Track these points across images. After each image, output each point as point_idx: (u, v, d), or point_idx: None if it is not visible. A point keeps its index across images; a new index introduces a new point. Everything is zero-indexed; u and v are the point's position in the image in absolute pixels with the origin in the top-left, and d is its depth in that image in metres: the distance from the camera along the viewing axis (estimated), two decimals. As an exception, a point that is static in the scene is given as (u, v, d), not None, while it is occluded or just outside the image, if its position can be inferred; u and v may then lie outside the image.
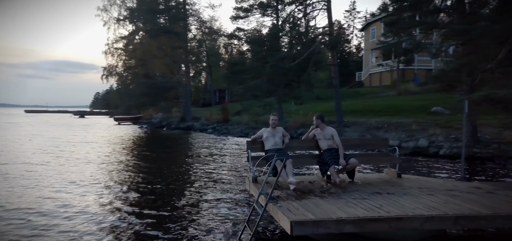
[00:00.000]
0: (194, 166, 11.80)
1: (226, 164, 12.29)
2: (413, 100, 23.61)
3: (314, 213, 4.17)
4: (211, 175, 10.22)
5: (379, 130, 16.87)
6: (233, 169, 11.21)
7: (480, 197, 4.84)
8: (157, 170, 11.07)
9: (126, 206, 6.86)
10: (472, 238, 4.88)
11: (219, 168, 11.35)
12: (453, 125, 15.32)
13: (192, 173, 10.47)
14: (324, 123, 6.58)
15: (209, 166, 11.71)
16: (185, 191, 8.17)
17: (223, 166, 11.76)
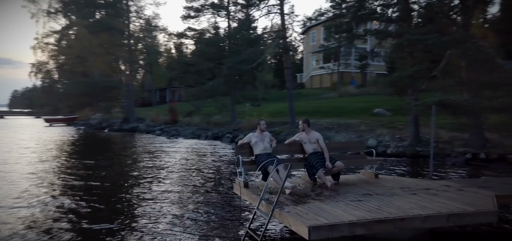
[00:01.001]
0: (164, 172, 11.38)
1: (196, 168, 12.06)
2: (355, 102, 25.23)
3: (324, 216, 4.35)
4: (188, 180, 9.99)
5: (330, 131, 17.78)
6: (206, 173, 11.04)
7: (456, 195, 5.44)
8: (120, 178, 10.49)
9: (92, 225, 6.45)
10: (449, 234, 5.48)
11: (192, 173, 11.11)
12: (396, 126, 16.74)
13: (165, 180, 10.10)
14: (309, 127, 6.85)
15: (180, 171, 11.40)
16: (166, 199, 7.90)
17: (195, 171, 11.52)
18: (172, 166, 12.29)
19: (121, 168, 12.03)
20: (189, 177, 10.48)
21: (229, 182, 9.74)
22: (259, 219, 6.35)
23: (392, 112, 20.89)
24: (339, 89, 34.27)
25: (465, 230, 5.61)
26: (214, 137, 21.54)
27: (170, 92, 59.35)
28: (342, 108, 23.49)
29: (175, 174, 10.87)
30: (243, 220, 6.36)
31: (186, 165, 12.61)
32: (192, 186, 9.22)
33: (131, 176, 10.66)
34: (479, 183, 6.55)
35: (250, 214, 6.71)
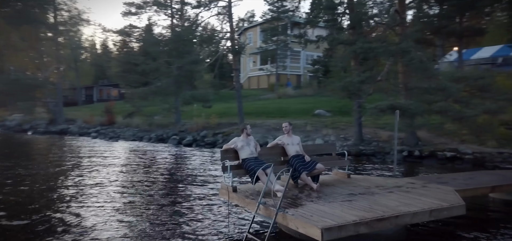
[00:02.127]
0: (124, 179, 10.72)
1: (165, 173, 11.60)
2: (295, 103, 26.34)
3: (328, 218, 4.63)
4: (163, 187, 9.56)
5: (278, 132, 18.35)
6: (179, 178, 10.68)
7: (424, 191, 6.14)
8: (52, 187, 9.66)
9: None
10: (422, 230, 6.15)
11: (162, 179, 10.66)
12: (339, 126, 17.94)
13: (128, 188, 9.56)
14: (290, 130, 7.12)
15: (146, 178, 10.85)
16: (146, 210, 7.52)
17: (163, 176, 11.08)
18: (132, 172, 11.67)
19: (53, 176, 11.07)
20: (161, 183, 10.09)
21: (206, 185, 9.65)
22: (246, 220, 6.46)
23: (331, 113, 22.27)
24: (278, 91, 35.42)
25: (426, 225, 6.34)
26: (159, 139, 20.81)
27: (98, 91, 55.56)
28: (285, 109, 24.36)
29: (139, 180, 10.35)
30: (237, 225, 6.42)
31: (150, 170, 12.05)
32: (169, 193, 8.89)
33: (63, 184, 9.87)
34: (434, 179, 7.43)
35: (242, 217, 6.81)
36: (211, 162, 13.93)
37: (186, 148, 17.87)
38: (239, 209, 7.25)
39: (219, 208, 7.47)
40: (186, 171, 11.81)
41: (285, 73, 42.26)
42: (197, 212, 7.25)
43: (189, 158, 14.72)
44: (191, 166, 12.91)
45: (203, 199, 8.31)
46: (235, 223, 6.51)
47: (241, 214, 7.05)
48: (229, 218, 6.67)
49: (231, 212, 7.03)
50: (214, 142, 18.38)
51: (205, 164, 13.41)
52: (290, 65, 43.21)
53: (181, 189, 9.31)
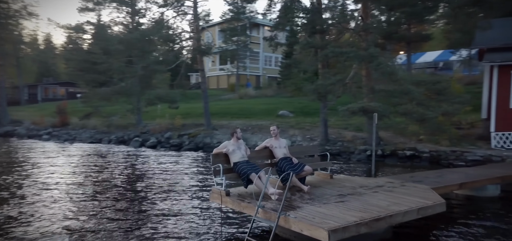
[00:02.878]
0: (104, 185, 10.16)
1: (147, 177, 11.13)
2: (258, 104, 26.57)
3: (329, 220, 4.81)
4: (147, 192, 9.17)
5: (245, 132, 18.43)
6: (163, 182, 10.30)
7: (405, 190, 6.55)
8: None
9: None
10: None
11: (145, 184, 10.23)
12: (304, 127, 18.41)
13: (106, 194, 9.08)
14: (277, 133, 7.23)
15: (125, 183, 10.34)
16: (144, 216, 7.21)
17: (145, 181, 10.62)
18: (108, 177, 11.10)
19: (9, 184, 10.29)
20: (142, 188, 9.71)
21: (190, 190, 9.50)
22: (235, 222, 6.50)
23: (294, 114, 22.78)
24: (239, 91, 35.50)
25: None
26: (119, 141, 19.97)
27: (43, 89, 51.88)
28: (249, 109, 24.48)
29: (121, 186, 9.88)
30: (235, 228, 6.46)
31: (124, 175, 11.54)
32: (153, 200, 8.59)
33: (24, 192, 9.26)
34: (409, 178, 7.94)
35: (237, 221, 6.81)
36: (184, 164, 13.66)
37: (151, 150, 17.34)
38: (230, 213, 7.25)
39: (206, 212, 7.41)
40: (164, 176, 11.48)
41: (245, 73, 42.45)
42: (186, 217, 7.14)
43: (159, 161, 14.31)
44: (165, 169, 12.56)
45: (190, 203, 8.19)
46: (236, 226, 6.55)
47: (232, 218, 7.05)
48: (221, 222, 6.66)
49: (227, 215, 7.03)
50: (180, 144, 18.03)
51: (179, 167, 13.12)
52: (249, 66, 43.49)
53: (164, 194, 9.07)
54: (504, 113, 13.41)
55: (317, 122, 19.17)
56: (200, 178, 11.13)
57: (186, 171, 12.19)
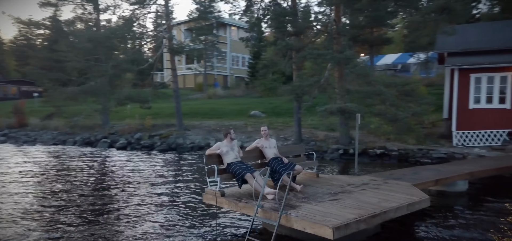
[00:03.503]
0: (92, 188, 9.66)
1: (113, 179, 10.68)
2: (229, 104, 26.53)
3: (329, 217, 4.98)
4: (143, 194, 8.83)
5: (219, 133, 18.35)
6: (150, 183, 9.95)
7: (389, 187, 6.89)
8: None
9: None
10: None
11: (135, 185, 9.83)
12: (277, 127, 18.66)
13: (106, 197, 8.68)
14: (266, 134, 7.33)
15: (119, 185, 9.90)
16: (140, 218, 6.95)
17: (135, 182, 10.21)
18: (83, 181, 10.60)
19: None
20: (123, 192, 9.37)
21: (183, 191, 9.29)
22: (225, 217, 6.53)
23: (266, 114, 23.00)
24: (207, 91, 35.21)
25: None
26: (86, 142, 19.12)
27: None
28: (220, 110, 24.38)
29: (114, 189, 9.47)
30: (233, 229, 6.50)
31: (100, 178, 11.05)
32: (151, 200, 8.34)
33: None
34: (388, 176, 8.35)
35: (234, 221, 6.82)
36: (159, 165, 13.36)
37: (121, 152, 16.77)
38: (222, 213, 7.24)
39: (196, 214, 7.35)
40: (144, 176, 11.17)
41: (212, 73, 42.16)
42: (177, 219, 7.03)
43: (133, 163, 13.89)
44: (141, 170, 12.23)
45: (177, 204, 8.05)
46: (234, 226, 6.57)
47: (226, 218, 7.06)
48: (216, 223, 6.66)
49: (222, 216, 7.01)
50: (152, 145, 17.60)
51: (155, 167, 12.82)
52: (217, 66, 43.26)
53: (149, 196, 8.85)
54: (464, 113, 14.42)
55: (289, 122, 19.53)
56: (182, 179, 10.96)
57: (164, 173, 11.95)
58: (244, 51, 46.35)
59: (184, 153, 16.31)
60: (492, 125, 14.04)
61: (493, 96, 14.15)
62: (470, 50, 14.92)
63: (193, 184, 10.24)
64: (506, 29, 16.02)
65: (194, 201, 8.35)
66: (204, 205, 7.83)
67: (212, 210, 7.56)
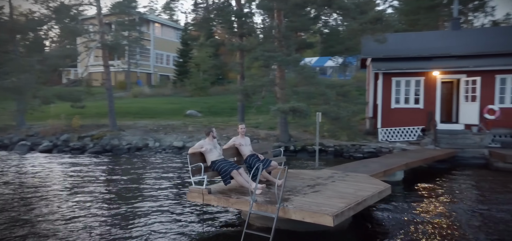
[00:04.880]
0: None
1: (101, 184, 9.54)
2: (160, 103, 25.65)
3: (323, 206, 5.41)
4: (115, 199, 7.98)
5: (158, 133, 17.72)
6: (122, 187, 9.03)
7: (355, 178, 7.62)
8: None
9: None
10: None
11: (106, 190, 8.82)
12: (219, 126, 18.70)
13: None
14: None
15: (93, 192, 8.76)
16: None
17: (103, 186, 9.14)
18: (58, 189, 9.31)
19: None
20: (107, 195, 8.49)
21: (159, 191, 8.77)
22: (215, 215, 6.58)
23: (203, 114, 22.85)
24: (132, 89, 33.38)
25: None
26: (-2, 145, 16.75)
27: None
28: (152, 109, 23.45)
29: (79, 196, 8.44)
30: (226, 224, 6.59)
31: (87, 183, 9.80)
32: (125, 205, 7.68)
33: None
34: (342, 169, 9.17)
35: (222, 216, 6.88)
36: (94, 168, 12.44)
37: (45, 155, 15.10)
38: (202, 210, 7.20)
39: (174, 213, 7.18)
40: (75, 181, 10.29)
41: (135, 70, 40.06)
42: (182, 217, 6.77)
43: (62, 167, 12.68)
44: (84, 174, 11.25)
45: (175, 202, 7.71)
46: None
47: (209, 215, 7.04)
48: (203, 220, 6.65)
49: (211, 213, 6.96)
50: (83, 147, 16.21)
51: (91, 170, 11.90)
52: (140, 63, 41.21)
53: (117, 200, 8.26)
54: (388, 112, 16.36)
55: (229, 122, 19.77)
56: (128, 180, 10.43)
57: (102, 176, 11.21)
58: (169, 48, 45.02)
59: (122, 155, 15.40)
60: (409, 122, 16.19)
61: (410, 97, 16.33)
62: (390, 56, 16.96)
63: (157, 184, 9.86)
64: (419, 39, 18.60)
65: (175, 203, 8.10)
66: (188, 204, 7.73)
67: (186, 209, 7.48)
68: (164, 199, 8.39)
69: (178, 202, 8.21)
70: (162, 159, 14.29)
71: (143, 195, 8.82)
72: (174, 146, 16.34)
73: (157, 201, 8.23)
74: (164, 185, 9.84)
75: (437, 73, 15.78)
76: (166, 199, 8.40)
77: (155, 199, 8.42)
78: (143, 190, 9.29)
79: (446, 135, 15.05)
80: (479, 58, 15.87)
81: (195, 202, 6.68)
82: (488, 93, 15.21)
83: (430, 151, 13.40)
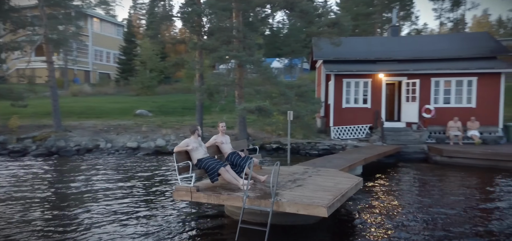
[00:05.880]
0: None
1: None
2: (107, 102, 24.27)
3: (315, 199, 5.69)
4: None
5: (109, 133, 16.80)
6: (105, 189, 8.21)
7: (327, 173, 8.05)
8: None
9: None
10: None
11: None
12: (173, 126, 18.25)
13: None
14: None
15: None
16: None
17: None
18: None
19: None
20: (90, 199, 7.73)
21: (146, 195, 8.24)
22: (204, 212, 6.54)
23: (153, 113, 22.07)
24: (70, 87, 31.04)
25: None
26: None
27: None
28: (97, 108, 22.11)
29: None
30: (220, 222, 6.59)
31: None
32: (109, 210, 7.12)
33: None
34: (310, 164, 9.60)
35: (211, 213, 6.79)
36: (47, 171, 11.49)
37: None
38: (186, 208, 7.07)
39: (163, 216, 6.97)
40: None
41: (72, 67, 37.31)
42: (170, 218, 6.51)
43: (16, 170, 11.51)
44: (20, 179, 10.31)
45: (161, 204, 7.34)
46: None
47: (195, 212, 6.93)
48: (191, 219, 6.57)
49: (200, 211, 6.84)
50: (24, 149, 14.81)
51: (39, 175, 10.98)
52: (77, 60, 38.45)
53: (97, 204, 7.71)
54: (339, 111, 17.33)
55: (184, 121, 19.41)
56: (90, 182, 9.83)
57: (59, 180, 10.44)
58: (109, 45, 42.60)
59: (71, 157, 14.36)
60: (359, 121, 17.32)
61: (359, 98, 17.47)
62: (340, 59, 17.98)
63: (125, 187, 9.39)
64: (364, 44, 19.95)
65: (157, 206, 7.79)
66: (176, 205, 7.52)
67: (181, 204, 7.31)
68: (135, 200, 8.08)
69: (150, 202, 7.97)
70: (117, 160, 13.62)
71: (108, 196, 8.40)
72: (128, 146, 15.65)
73: (131, 201, 7.90)
74: (129, 185, 9.45)
75: (382, 75, 17.10)
76: (137, 200, 8.10)
77: (122, 199, 8.07)
78: (107, 191, 8.83)
79: (391, 132, 16.38)
80: (418, 63, 17.51)
81: (182, 201, 6.58)
82: (425, 94, 16.85)
83: (380, 147, 14.50)
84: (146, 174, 11.12)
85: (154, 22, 16.83)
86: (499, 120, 16.43)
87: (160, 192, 8.94)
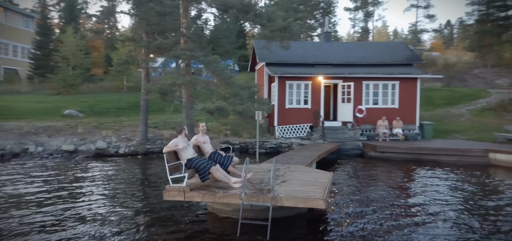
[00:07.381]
0: None
1: None
2: (26, 102, 21.63)
3: (307, 193, 6.03)
4: None
5: (38, 135, 15.05)
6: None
7: (301, 169, 8.48)
8: None
9: None
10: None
11: None
12: (112, 127, 17.08)
13: None
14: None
15: None
16: None
17: None
18: None
19: None
20: None
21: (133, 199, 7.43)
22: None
23: (84, 113, 20.34)
24: None
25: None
26: None
27: None
28: (17, 108, 19.60)
29: None
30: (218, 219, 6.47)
31: None
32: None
33: None
34: (276, 161, 9.95)
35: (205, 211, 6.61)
36: None
37: None
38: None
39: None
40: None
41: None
42: (168, 218, 6.10)
43: None
44: None
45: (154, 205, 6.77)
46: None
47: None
48: (186, 219, 6.39)
49: (194, 209, 6.58)
50: None
51: None
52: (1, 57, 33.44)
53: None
54: (283, 112, 18.08)
55: (123, 122, 18.34)
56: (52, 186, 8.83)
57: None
58: (18, 38, 37.82)
59: (-4, 163, 12.58)
60: (300, 120, 18.28)
61: (300, 99, 18.44)
62: (282, 62, 18.78)
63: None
64: (302, 48, 21.09)
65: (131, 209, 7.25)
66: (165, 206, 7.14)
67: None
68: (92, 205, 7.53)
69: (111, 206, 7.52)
70: (56, 164, 12.34)
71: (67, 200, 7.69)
72: (64, 150, 14.29)
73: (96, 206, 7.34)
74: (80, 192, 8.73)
75: (321, 78, 18.32)
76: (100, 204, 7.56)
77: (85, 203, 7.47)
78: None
79: (330, 131, 17.64)
80: (351, 67, 19.15)
81: (172, 199, 6.35)
82: (358, 96, 18.51)
83: (324, 145, 15.54)
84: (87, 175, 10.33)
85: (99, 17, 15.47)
86: (416, 119, 18.80)
87: (141, 194, 8.44)
